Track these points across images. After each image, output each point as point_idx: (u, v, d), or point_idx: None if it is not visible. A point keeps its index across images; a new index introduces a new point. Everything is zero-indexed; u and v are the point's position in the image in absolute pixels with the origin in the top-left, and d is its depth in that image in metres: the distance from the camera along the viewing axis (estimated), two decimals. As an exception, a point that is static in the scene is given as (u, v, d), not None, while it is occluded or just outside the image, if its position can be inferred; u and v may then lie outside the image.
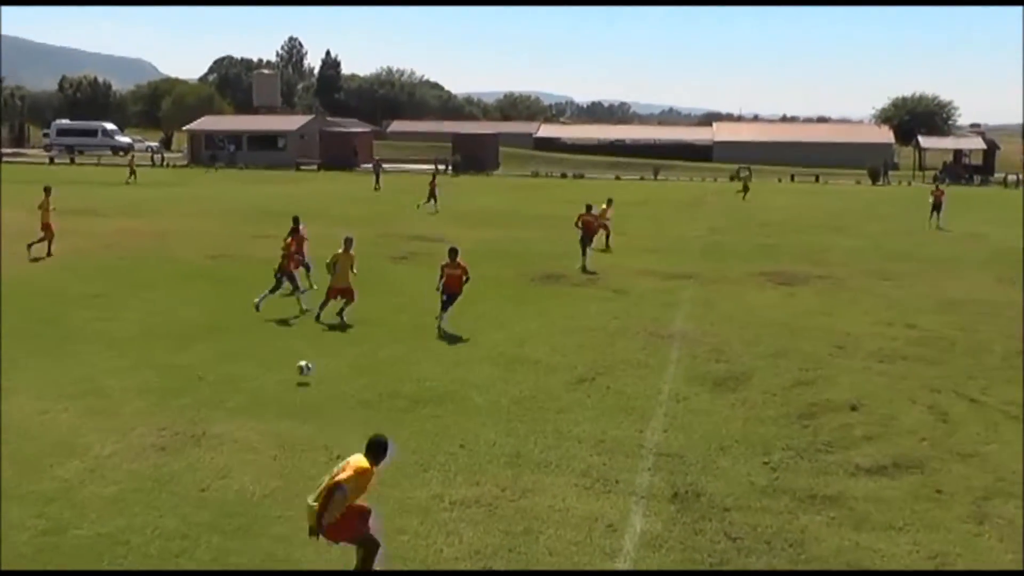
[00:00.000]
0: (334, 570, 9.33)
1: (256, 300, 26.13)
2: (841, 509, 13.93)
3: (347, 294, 25.61)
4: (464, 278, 25.26)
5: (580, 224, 36.82)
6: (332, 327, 24.90)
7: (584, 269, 35.17)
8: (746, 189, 67.91)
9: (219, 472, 15.18)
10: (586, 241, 36.35)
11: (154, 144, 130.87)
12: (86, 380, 20.25)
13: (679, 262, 37.92)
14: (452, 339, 24.07)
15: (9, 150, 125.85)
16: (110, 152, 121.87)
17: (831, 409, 18.77)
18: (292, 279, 27.54)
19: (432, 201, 57.76)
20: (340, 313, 25.41)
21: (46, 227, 37.14)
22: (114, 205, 45.57)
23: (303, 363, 18.23)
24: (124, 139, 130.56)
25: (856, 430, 17.54)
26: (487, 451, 16.00)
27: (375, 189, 74.37)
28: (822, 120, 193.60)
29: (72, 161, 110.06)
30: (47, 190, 37.73)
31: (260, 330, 24.98)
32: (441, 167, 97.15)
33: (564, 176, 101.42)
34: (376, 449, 11.04)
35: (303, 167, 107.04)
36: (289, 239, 28.12)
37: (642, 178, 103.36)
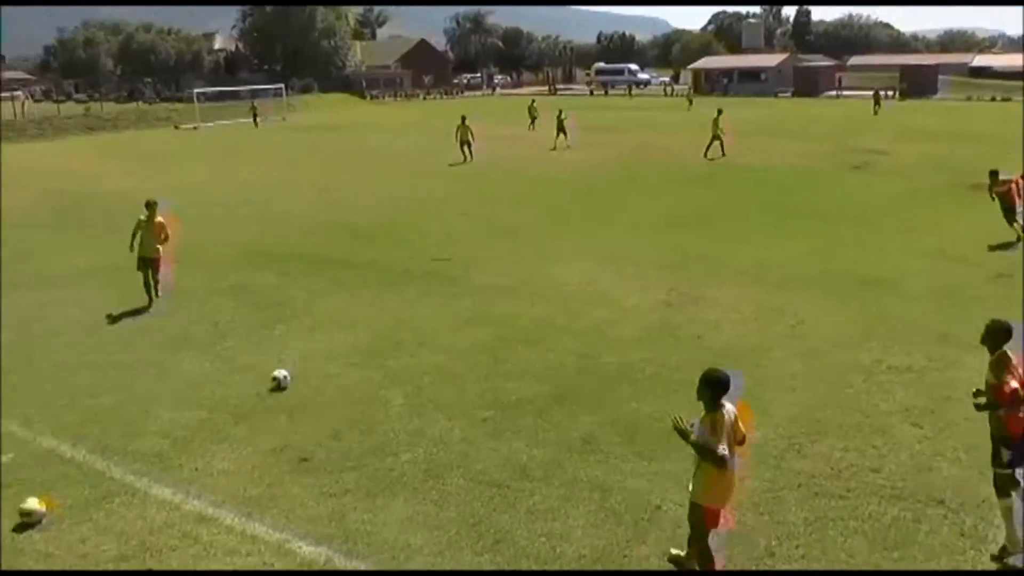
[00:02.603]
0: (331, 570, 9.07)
1: None
2: None
3: None
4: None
5: (994, 195, 22.60)
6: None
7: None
8: None
9: (712, 325, 15.66)
10: (1010, 214, 22.24)
11: (665, 79, 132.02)
12: (614, 252, 21.30)
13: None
14: (890, 233, 23.09)
15: (562, 85, 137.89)
16: (634, 86, 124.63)
17: None
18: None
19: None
20: None
21: None
22: (634, 124, 46.64)
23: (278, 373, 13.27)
24: (644, 76, 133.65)
25: None
26: (919, 327, 15.38)
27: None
28: None
29: (606, 93, 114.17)
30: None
31: (746, 220, 25.11)
32: (890, 93, 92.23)
33: (993, 99, 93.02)
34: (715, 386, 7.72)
35: (780, 95, 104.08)
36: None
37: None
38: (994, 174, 22.74)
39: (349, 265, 20.53)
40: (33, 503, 9.45)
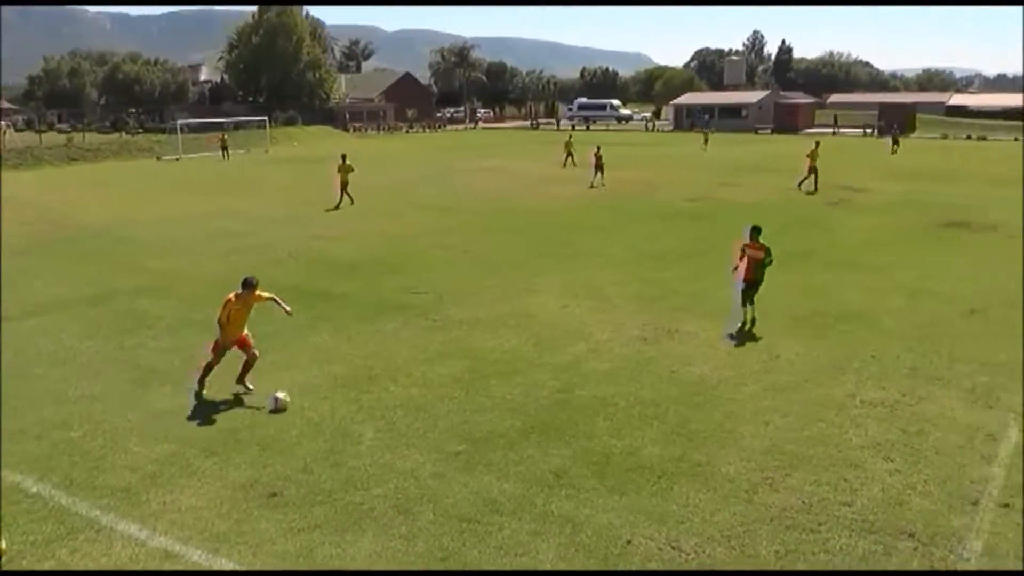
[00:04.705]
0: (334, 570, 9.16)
1: None
2: None
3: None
4: (767, 260, 17.55)
5: None
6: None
7: None
8: None
9: (685, 360, 15.67)
10: None
11: (647, 115, 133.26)
12: (591, 286, 21.36)
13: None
14: (867, 272, 23.19)
15: (544, 119, 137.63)
16: (615, 121, 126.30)
17: None
18: None
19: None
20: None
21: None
22: (612, 160, 46.98)
23: (278, 395, 13.38)
24: (625, 112, 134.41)
25: None
26: (892, 363, 15.44)
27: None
28: None
29: (587, 128, 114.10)
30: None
31: (725, 255, 25.12)
32: (869, 130, 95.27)
33: (969, 138, 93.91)
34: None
35: (760, 131, 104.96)
36: None
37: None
38: None
39: (326, 297, 20.48)
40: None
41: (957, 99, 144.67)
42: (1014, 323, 18.04)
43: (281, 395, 13.42)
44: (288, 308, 14.62)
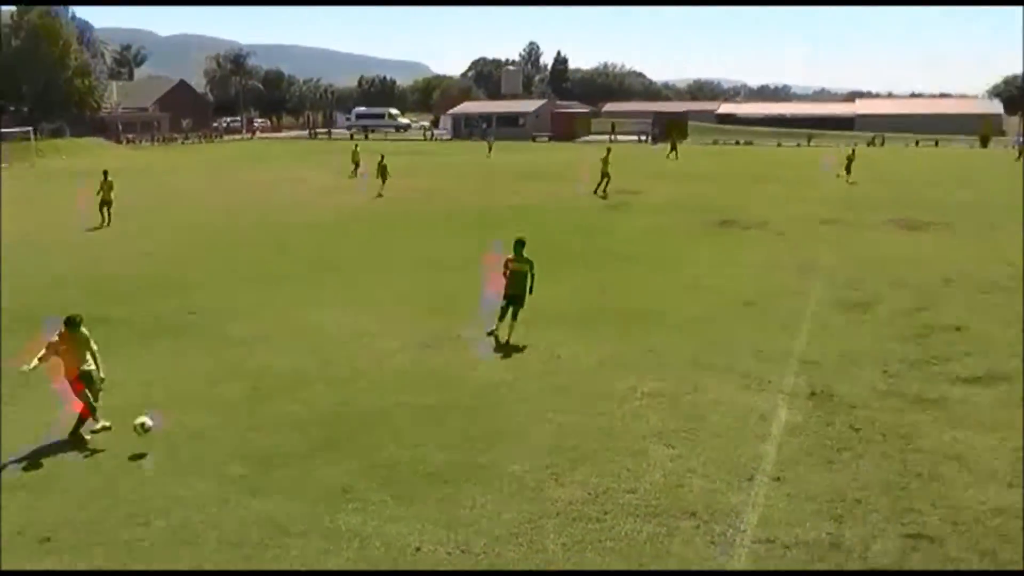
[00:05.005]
0: (346, 570, 9.20)
1: None
2: (943, 410, 13.47)
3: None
4: (530, 274, 16.89)
5: None
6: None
7: None
8: (849, 161, 56.84)
9: (469, 365, 15.79)
10: None
11: (425, 124, 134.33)
12: (374, 297, 21.24)
13: (827, 211, 36.63)
14: (648, 269, 24.03)
15: (322, 129, 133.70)
16: (394, 130, 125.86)
17: (940, 330, 18.09)
18: None
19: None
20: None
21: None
22: (397, 169, 46.93)
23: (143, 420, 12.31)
24: (404, 121, 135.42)
25: (959, 346, 16.88)
26: (672, 355, 16.04)
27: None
28: (944, 96, 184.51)
29: (366, 137, 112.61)
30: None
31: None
32: (643, 137, 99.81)
33: (737, 143, 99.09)
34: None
35: (537, 139, 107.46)
36: None
37: (799, 144, 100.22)
38: None
39: (103, 321, 19.26)
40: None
41: (725, 108, 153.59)
42: (784, 313, 19.27)
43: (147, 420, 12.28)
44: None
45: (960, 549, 9.45)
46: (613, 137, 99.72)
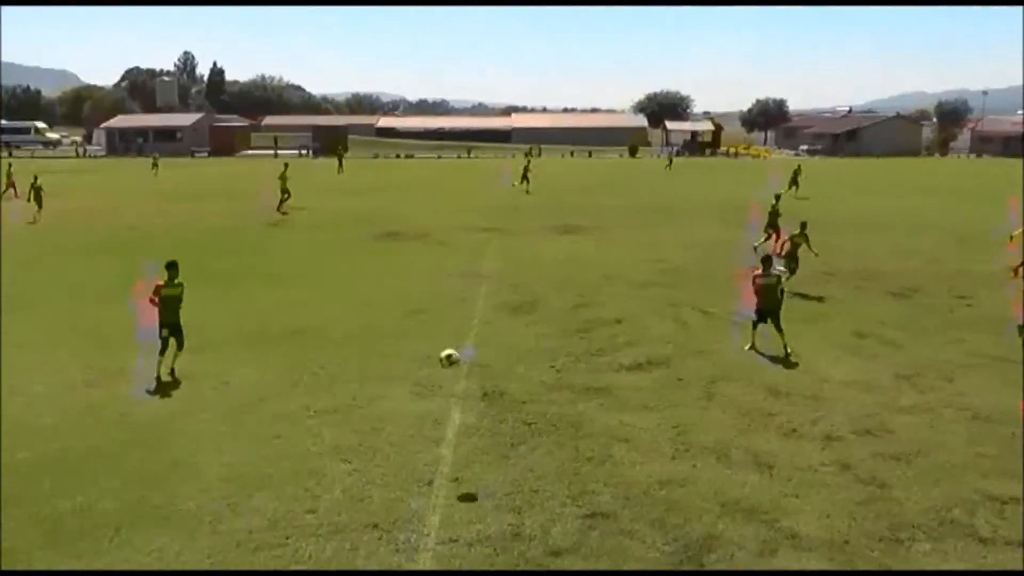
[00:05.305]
0: (338, 570, 9.12)
1: None
2: (609, 397, 14.25)
3: None
4: (181, 296, 15.77)
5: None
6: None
7: None
8: (527, 171, 59.94)
9: (135, 400, 14.52)
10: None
11: (77, 139, 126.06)
12: (16, 335, 19.18)
13: (488, 219, 37.90)
14: (310, 287, 23.66)
15: None
16: (41, 147, 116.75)
17: (601, 323, 19.19)
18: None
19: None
20: None
21: None
22: (51, 189, 43.37)
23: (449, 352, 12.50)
24: (53, 136, 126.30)
25: (620, 338, 17.97)
26: (341, 370, 15.82)
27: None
28: (595, 110, 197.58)
29: (10, 154, 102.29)
30: None
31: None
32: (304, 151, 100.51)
33: (398, 156, 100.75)
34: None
35: (196, 154, 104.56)
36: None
37: (459, 156, 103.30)
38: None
39: None
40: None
41: (385, 121, 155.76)
42: (452, 319, 19.67)
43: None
44: None
45: (632, 521, 10.00)
46: (276, 153, 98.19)
